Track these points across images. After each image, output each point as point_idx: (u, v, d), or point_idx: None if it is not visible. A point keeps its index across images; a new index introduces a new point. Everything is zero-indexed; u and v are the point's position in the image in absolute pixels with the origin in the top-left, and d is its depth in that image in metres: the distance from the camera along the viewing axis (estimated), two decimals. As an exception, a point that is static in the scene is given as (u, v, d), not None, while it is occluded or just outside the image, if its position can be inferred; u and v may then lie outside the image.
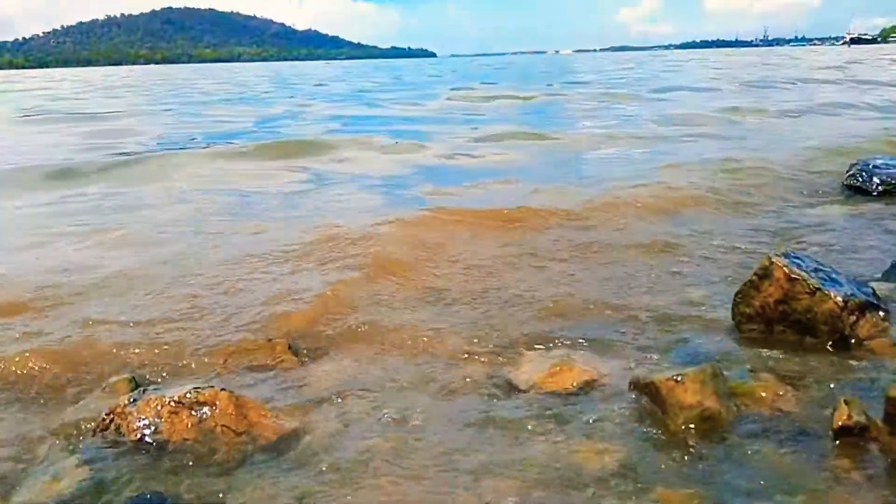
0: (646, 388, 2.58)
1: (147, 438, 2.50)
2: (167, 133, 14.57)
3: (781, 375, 2.72)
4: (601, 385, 2.83)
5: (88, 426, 2.65)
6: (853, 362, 2.83)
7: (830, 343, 2.97)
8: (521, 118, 15.65)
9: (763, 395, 2.55)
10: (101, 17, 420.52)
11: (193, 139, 13.18)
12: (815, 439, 2.28)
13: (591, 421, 2.53)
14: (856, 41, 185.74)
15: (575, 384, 2.85)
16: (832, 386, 2.63)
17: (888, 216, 5.52)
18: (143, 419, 2.55)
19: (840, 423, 2.22)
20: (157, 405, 2.57)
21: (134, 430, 2.53)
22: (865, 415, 2.23)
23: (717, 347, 3.14)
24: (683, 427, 2.39)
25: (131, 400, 2.62)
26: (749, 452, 2.26)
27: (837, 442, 2.19)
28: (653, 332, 3.40)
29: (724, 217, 5.85)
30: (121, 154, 10.92)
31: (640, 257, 4.65)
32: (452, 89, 28.46)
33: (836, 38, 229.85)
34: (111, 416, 2.61)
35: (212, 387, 2.62)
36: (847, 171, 6.88)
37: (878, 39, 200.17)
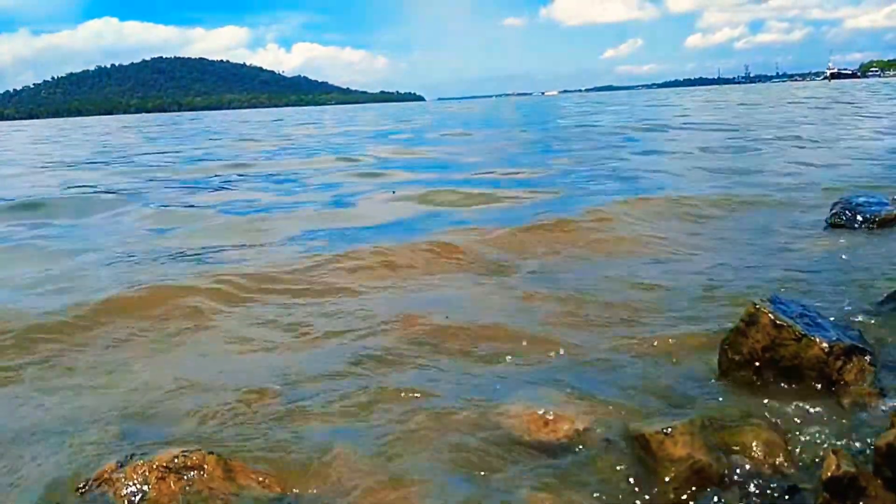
0: (636, 441, 2.57)
1: (135, 506, 2.47)
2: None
3: (771, 424, 2.71)
4: (592, 436, 2.81)
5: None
6: (841, 409, 2.83)
7: (818, 389, 2.96)
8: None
9: (752, 445, 2.53)
10: (92, 67, 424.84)
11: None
12: (804, 492, 2.27)
13: (582, 475, 2.52)
14: (837, 76, 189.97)
15: (565, 434, 2.84)
16: (821, 435, 2.63)
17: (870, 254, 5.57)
18: (131, 485, 2.52)
19: (829, 475, 2.21)
20: (144, 470, 2.54)
21: (122, 497, 2.49)
22: (855, 465, 2.22)
23: (708, 395, 3.14)
24: (674, 481, 2.37)
25: (119, 465, 2.59)
26: (739, 507, 2.25)
27: (827, 495, 2.18)
28: (643, 378, 3.39)
29: (710, 255, 5.91)
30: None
31: (626, 300, 4.66)
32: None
33: (817, 74, 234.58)
34: (98, 482, 2.58)
35: (199, 450, 2.61)
36: (831, 210, 6.96)
37: (859, 74, 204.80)
